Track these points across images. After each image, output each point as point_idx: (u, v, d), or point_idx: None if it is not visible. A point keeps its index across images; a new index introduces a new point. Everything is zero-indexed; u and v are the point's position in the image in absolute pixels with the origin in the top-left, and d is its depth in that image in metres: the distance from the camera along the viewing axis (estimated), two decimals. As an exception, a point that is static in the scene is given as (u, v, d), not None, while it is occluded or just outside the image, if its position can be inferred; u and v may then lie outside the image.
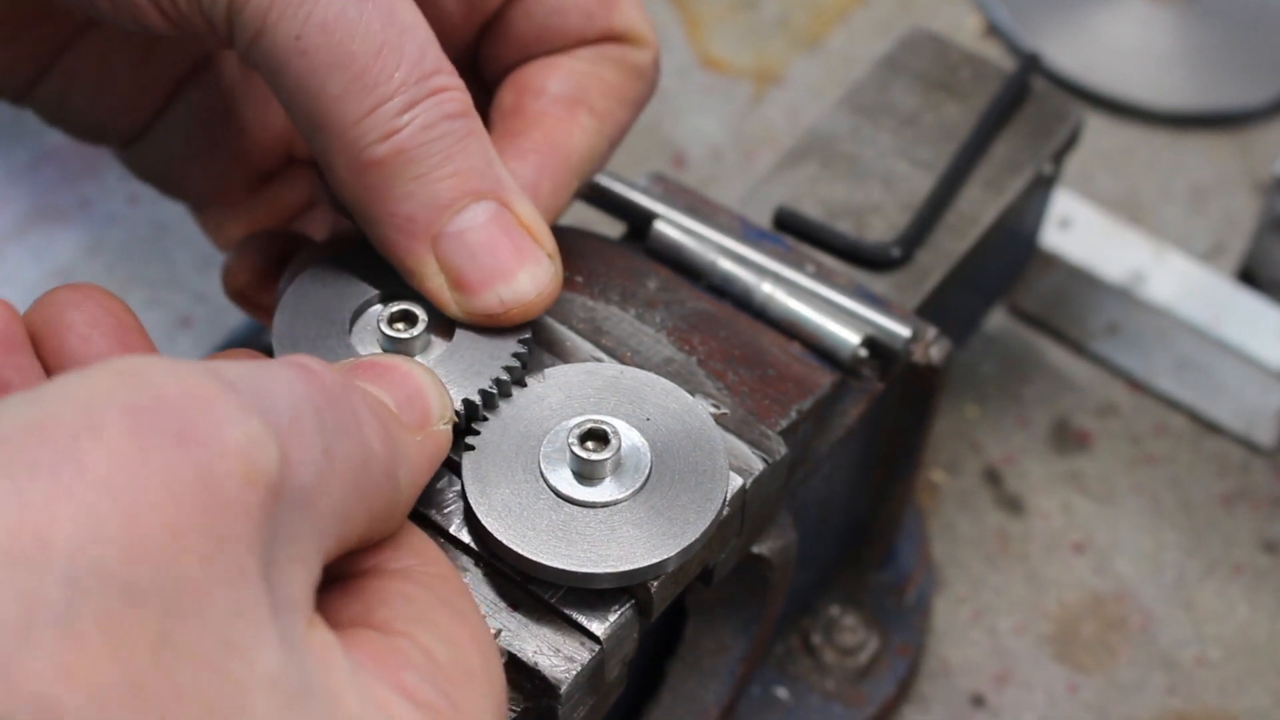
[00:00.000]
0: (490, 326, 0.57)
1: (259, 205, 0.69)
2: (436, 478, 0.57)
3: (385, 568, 0.48)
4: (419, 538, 0.50)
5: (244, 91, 0.66)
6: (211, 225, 0.70)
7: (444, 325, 0.58)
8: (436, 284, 0.56)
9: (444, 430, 0.51)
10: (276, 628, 0.39)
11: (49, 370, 0.51)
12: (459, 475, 0.56)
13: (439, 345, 0.58)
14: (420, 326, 0.57)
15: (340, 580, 0.48)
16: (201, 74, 0.66)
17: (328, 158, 0.55)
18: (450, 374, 0.57)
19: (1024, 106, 0.81)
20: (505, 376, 0.57)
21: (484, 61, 0.64)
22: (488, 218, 0.55)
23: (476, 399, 0.56)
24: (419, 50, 0.54)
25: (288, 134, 0.68)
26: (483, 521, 0.54)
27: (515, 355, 0.57)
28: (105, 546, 0.36)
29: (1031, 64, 0.82)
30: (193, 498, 0.37)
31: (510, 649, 0.54)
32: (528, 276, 0.56)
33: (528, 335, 0.58)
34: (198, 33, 0.55)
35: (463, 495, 0.56)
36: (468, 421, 0.57)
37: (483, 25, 0.63)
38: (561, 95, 0.61)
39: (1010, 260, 0.89)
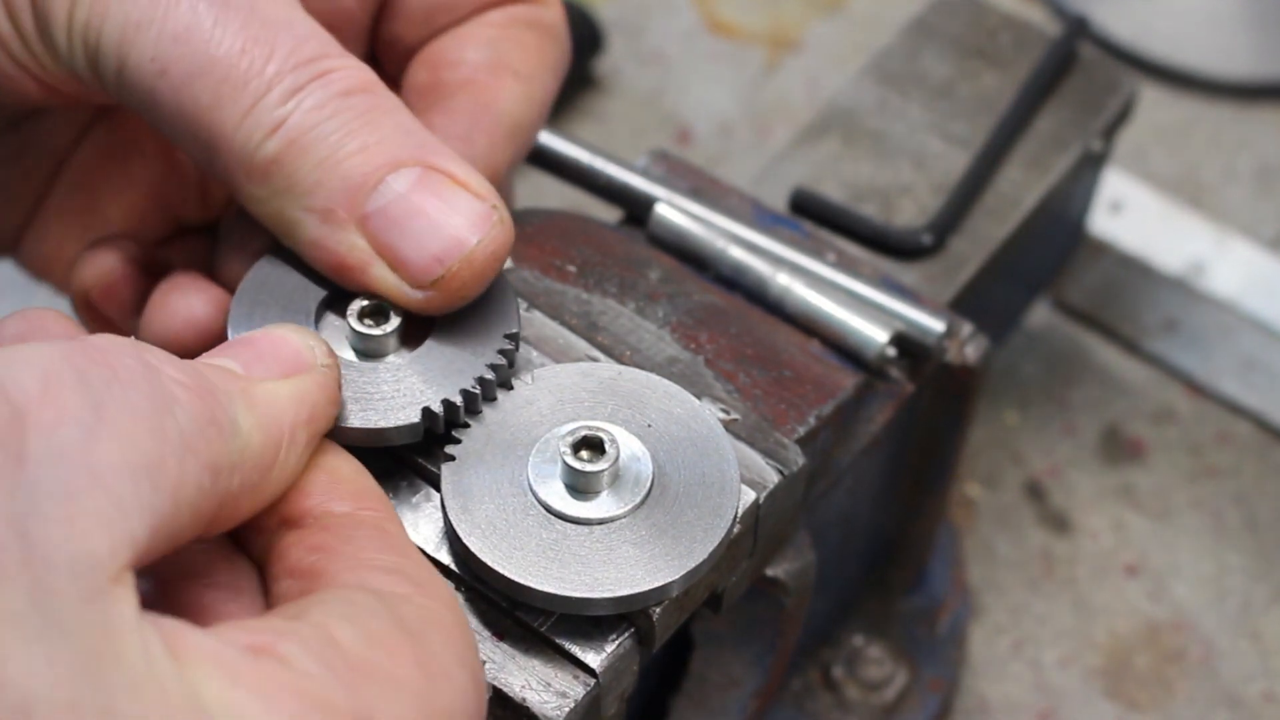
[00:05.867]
0: (455, 301, 0.57)
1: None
2: (412, 491, 0.57)
3: (319, 510, 0.51)
4: (362, 478, 0.53)
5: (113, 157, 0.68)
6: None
7: (420, 322, 0.59)
8: (380, 273, 0.57)
9: (326, 368, 0.53)
10: (28, 576, 0.42)
11: None
12: (437, 489, 0.56)
13: (415, 341, 0.58)
14: (394, 322, 0.57)
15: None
16: (70, 152, 0.67)
17: (229, 178, 0.57)
18: (428, 372, 0.57)
19: (1070, 76, 0.81)
20: (490, 376, 0.57)
21: (386, 47, 0.65)
22: (409, 184, 0.56)
23: (458, 400, 0.56)
24: (294, 40, 0.56)
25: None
26: (464, 541, 0.55)
27: (501, 353, 0.58)
28: None
29: (1079, 28, 0.82)
30: None
31: (496, 683, 0.54)
32: (462, 225, 0.56)
33: (515, 331, 0.58)
34: (72, 91, 0.58)
35: (442, 511, 0.56)
36: (447, 427, 0.57)
37: (377, 7, 0.65)
38: (482, 62, 0.63)
39: (1055, 248, 0.89)
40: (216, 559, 0.51)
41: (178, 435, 0.46)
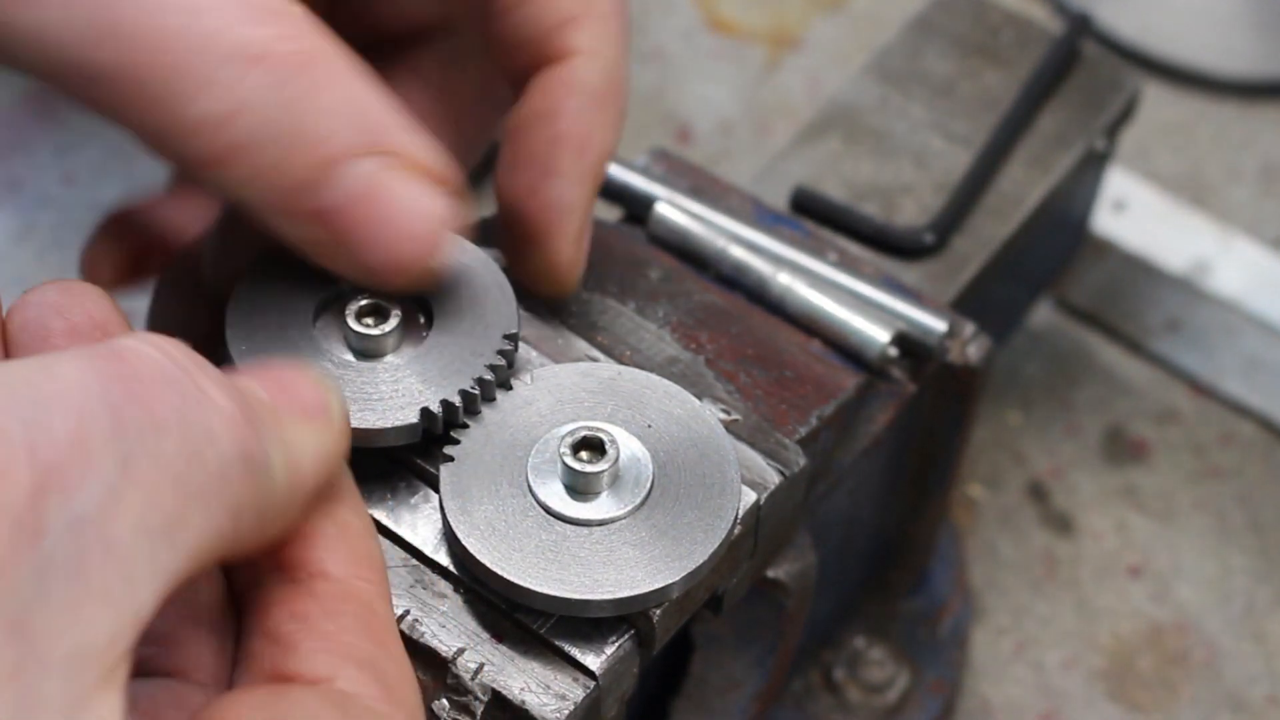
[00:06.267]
0: (422, 287, 0.57)
1: None
2: (410, 492, 0.57)
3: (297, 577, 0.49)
4: (368, 540, 0.50)
5: None
6: None
7: (419, 321, 0.59)
8: (346, 265, 0.55)
9: (335, 425, 0.50)
10: (15, 688, 0.39)
11: None
12: (436, 490, 0.56)
13: (413, 341, 0.58)
14: (393, 322, 0.57)
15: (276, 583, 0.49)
16: None
17: (180, 168, 0.55)
18: (426, 372, 0.57)
19: (1073, 74, 0.81)
20: (489, 376, 0.57)
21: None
22: (363, 179, 0.54)
23: (456, 400, 0.56)
24: (223, 21, 0.52)
25: None
26: (463, 542, 0.55)
27: (500, 353, 0.58)
28: None
29: (1082, 26, 0.82)
30: None
31: (495, 685, 0.54)
32: (419, 222, 0.54)
33: (514, 331, 0.58)
34: None
35: (441, 512, 0.56)
36: (446, 428, 0.57)
37: None
38: (580, 110, 0.60)
39: (1058, 248, 0.89)
40: (198, 581, 0.49)
41: (205, 481, 0.44)
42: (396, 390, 0.56)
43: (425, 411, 0.56)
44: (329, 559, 0.49)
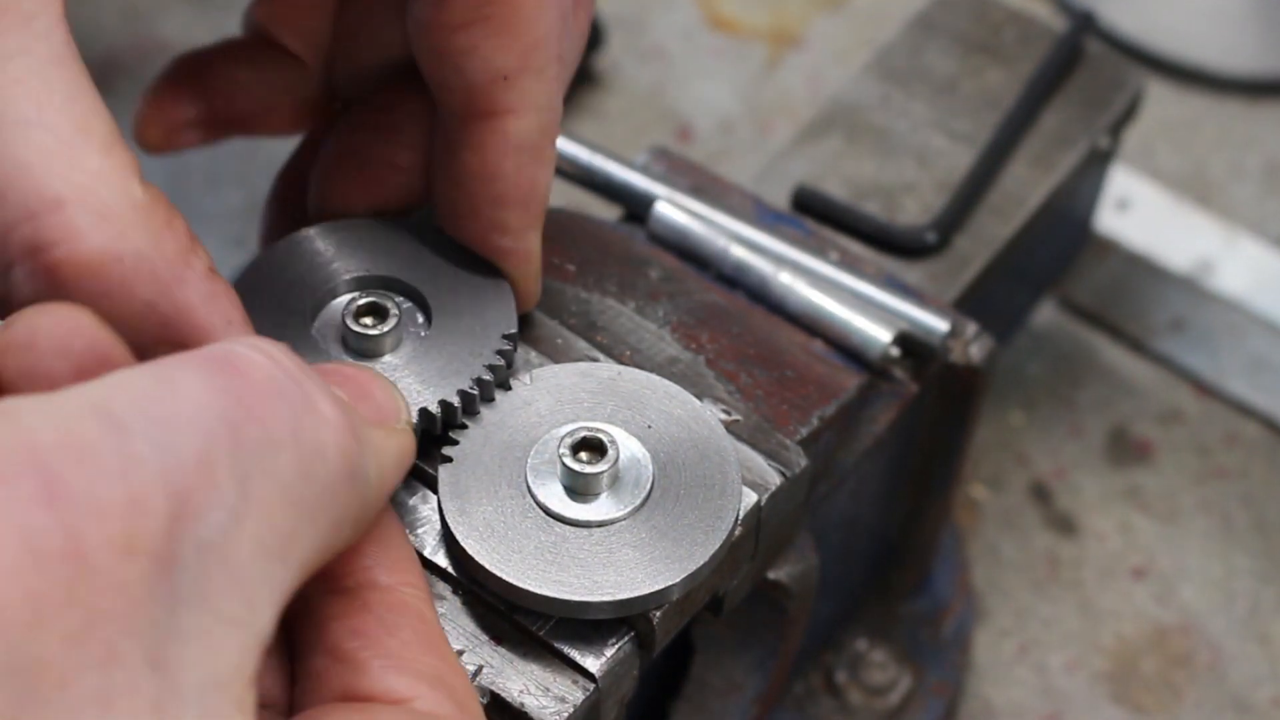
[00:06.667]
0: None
1: None
2: (409, 493, 0.57)
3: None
4: (406, 544, 0.50)
5: None
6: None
7: (417, 320, 0.59)
8: None
9: (407, 430, 0.50)
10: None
11: None
12: (434, 491, 0.56)
13: (411, 341, 0.58)
14: (391, 321, 0.57)
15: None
16: None
17: None
18: (425, 373, 0.57)
19: (1076, 72, 0.81)
20: (487, 376, 0.57)
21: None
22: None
23: (455, 401, 0.56)
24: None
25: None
26: (462, 543, 0.54)
27: (499, 353, 0.58)
28: None
29: (1085, 24, 0.82)
30: (58, 567, 0.37)
31: (493, 688, 0.54)
32: None
33: (513, 331, 0.58)
34: None
35: (439, 513, 0.56)
36: (444, 428, 0.57)
37: None
38: (525, 154, 0.59)
39: (1061, 247, 0.89)
40: None
41: (315, 497, 0.43)
42: (395, 390, 0.56)
43: (424, 412, 0.56)
44: (374, 566, 0.49)
